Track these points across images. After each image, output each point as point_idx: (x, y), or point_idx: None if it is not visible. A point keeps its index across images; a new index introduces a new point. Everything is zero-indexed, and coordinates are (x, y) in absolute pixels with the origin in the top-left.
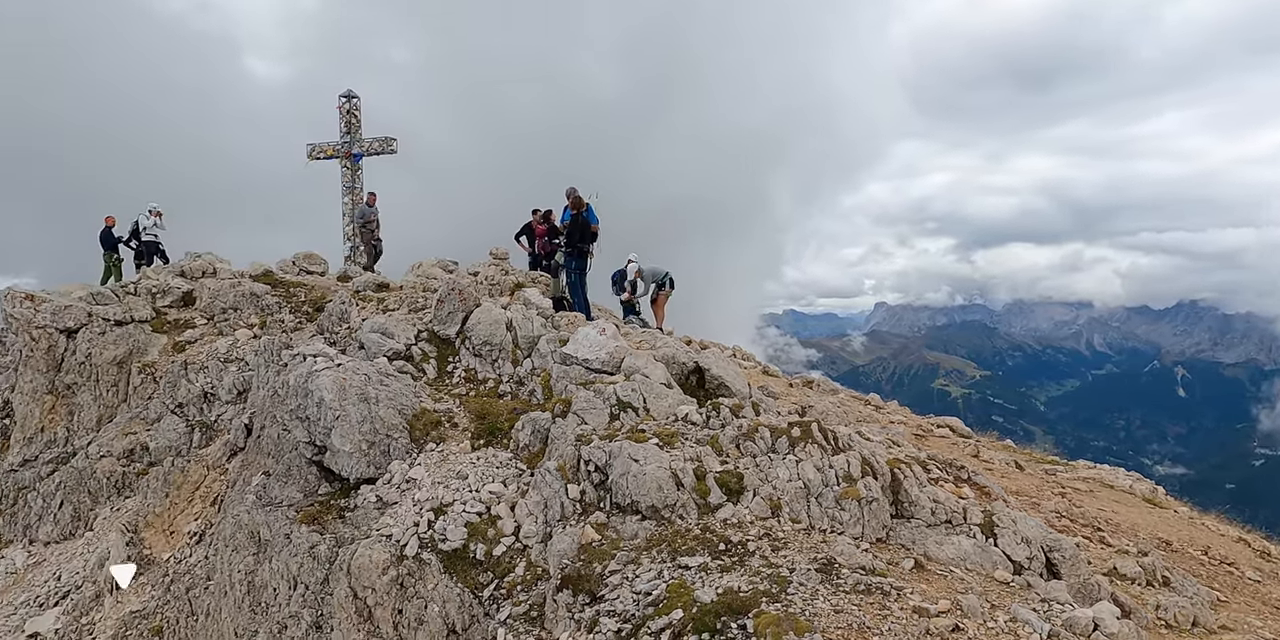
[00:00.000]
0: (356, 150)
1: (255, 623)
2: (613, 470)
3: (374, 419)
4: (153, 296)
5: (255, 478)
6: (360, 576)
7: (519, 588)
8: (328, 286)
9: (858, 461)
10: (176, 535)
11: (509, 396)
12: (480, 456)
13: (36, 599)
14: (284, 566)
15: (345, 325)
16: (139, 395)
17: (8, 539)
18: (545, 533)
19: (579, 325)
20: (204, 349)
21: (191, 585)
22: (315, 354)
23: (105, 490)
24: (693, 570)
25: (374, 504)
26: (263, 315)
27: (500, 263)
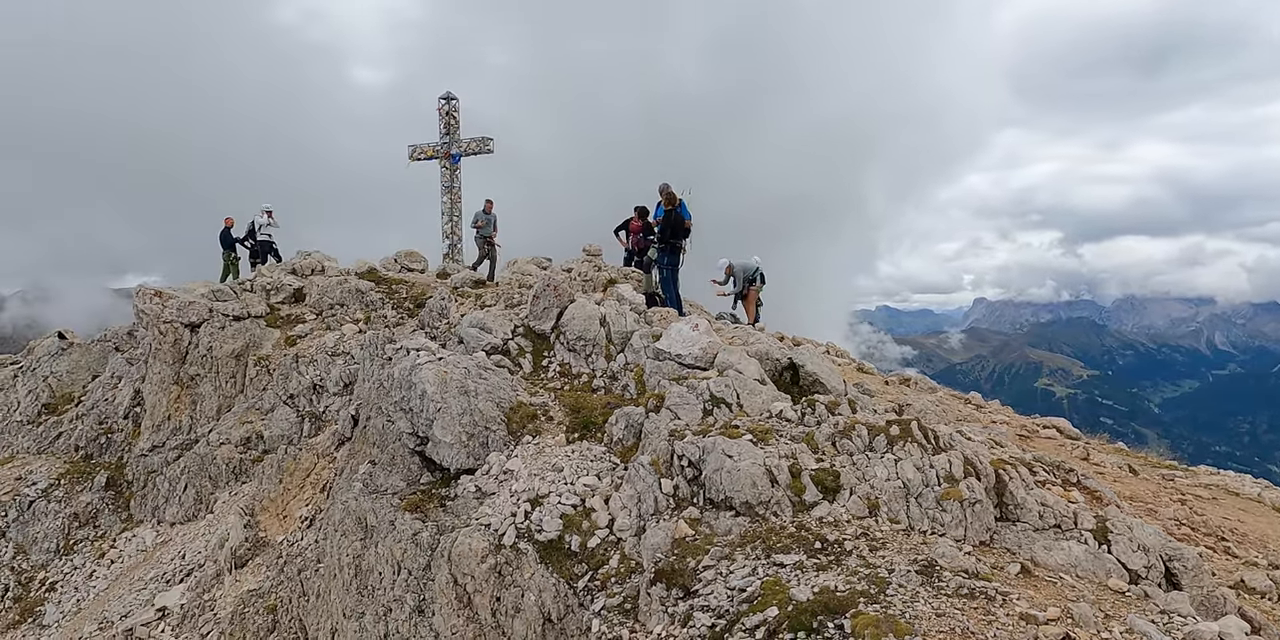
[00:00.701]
0: (455, 151)
1: (362, 605)
2: (706, 466)
3: (473, 411)
4: (267, 293)
5: (362, 466)
6: (460, 564)
7: (613, 580)
8: (427, 283)
9: (960, 461)
10: (289, 519)
11: (602, 391)
12: (575, 450)
13: (164, 575)
14: (389, 552)
15: (445, 320)
16: (254, 386)
17: (139, 519)
18: (639, 526)
19: (671, 321)
20: (313, 343)
21: (303, 567)
22: (418, 348)
23: (224, 475)
24: (788, 568)
25: (473, 494)
26: (367, 311)
27: (593, 259)
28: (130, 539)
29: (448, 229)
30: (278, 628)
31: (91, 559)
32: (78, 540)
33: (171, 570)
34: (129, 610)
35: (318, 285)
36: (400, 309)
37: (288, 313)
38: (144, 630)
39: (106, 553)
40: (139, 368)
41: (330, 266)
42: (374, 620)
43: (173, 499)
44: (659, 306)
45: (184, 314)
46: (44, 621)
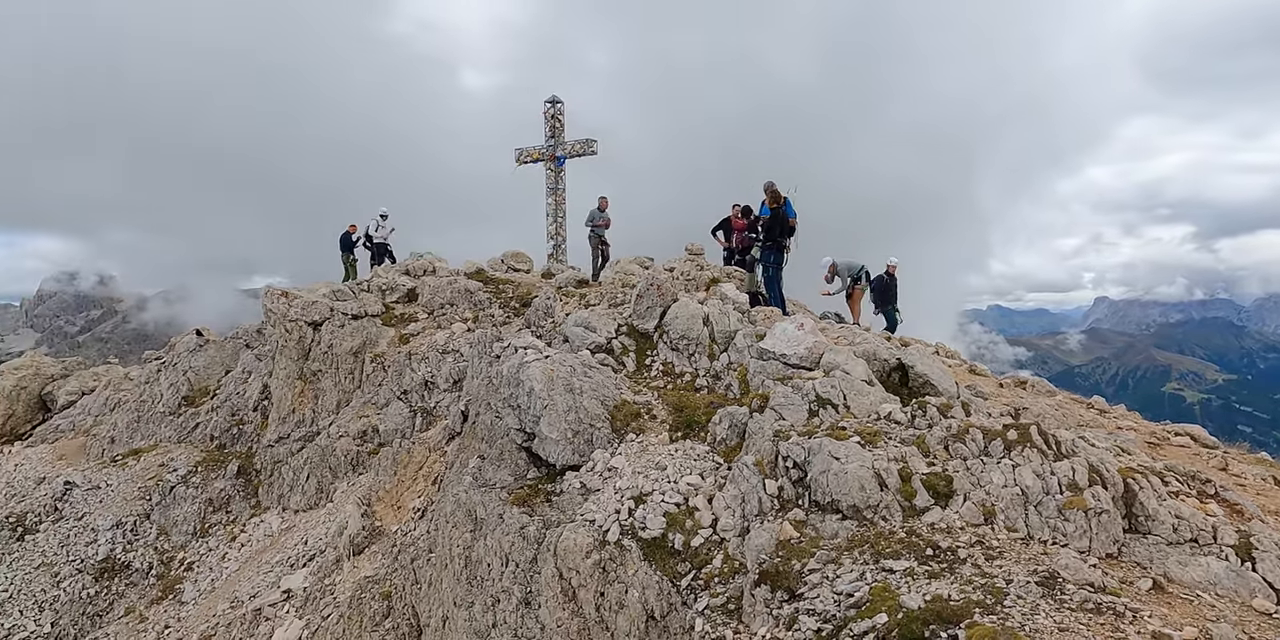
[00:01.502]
0: (560, 153)
1: (471, 595)
2: (812, 467)
3: (579, 409)
4: (382, 293)
5: (471, 460)
6: (565, 558)
7: (716, 580)
8: (533, 283)
9: (1084, 469)
10: (402, 510)
11: (705, 390)
12: (678, 448)
13: (288, 559)
14: (497, 544)
15: (550, 319)
16: (371, 382)
17: (266, 505)
18: (743, 527)
19: (776, 320)
20: (425, 341)
21: (415, 556)
22: (525, 346)
23: (343, 466)
24: (898, 574)
25: (578, 490)
26: (475, 310)
27: (696, 258)
28: (258, 524)
29: (552, 230)
30: (392, 613)
31: (224, 542)
32: (212, 524)
33: (295, 555)
34: (257, 591)
35: (429, 285)
36: (507, 308)
37: (401, 312)
38: (271, 610)
39: (237, 537)
40: (267, 363)
41: (441, 267)
42: (483, 610)
43: (296, 488)
44: (763, 306)
45: (307, 313)
46: (183, 598)
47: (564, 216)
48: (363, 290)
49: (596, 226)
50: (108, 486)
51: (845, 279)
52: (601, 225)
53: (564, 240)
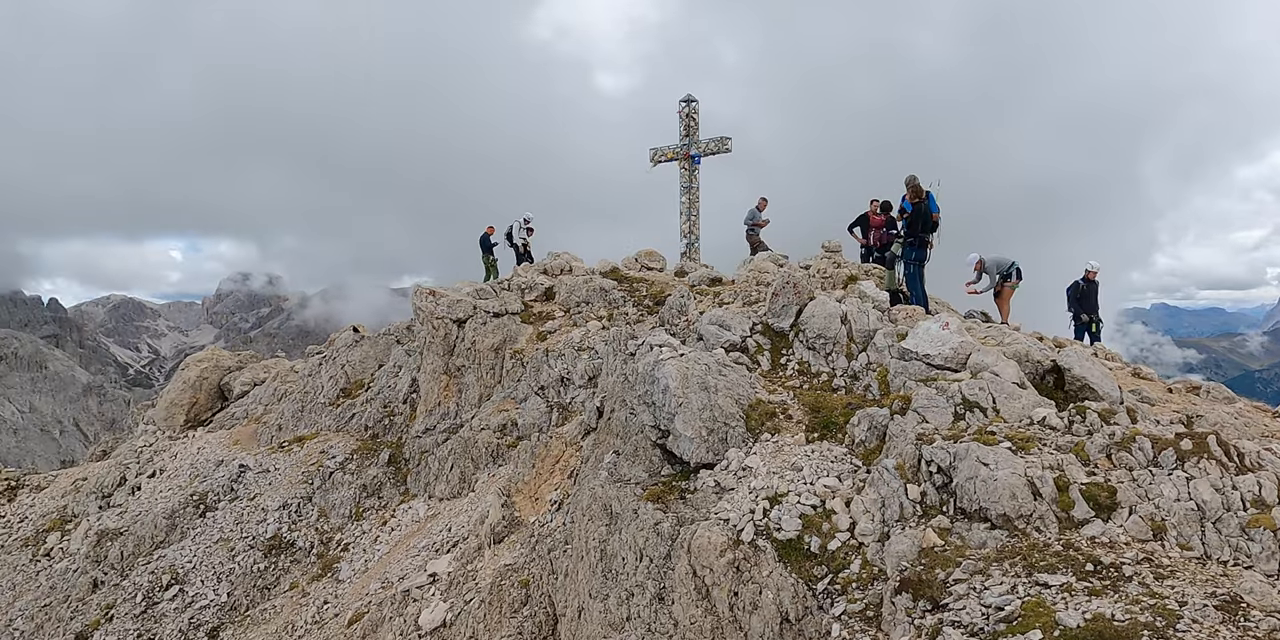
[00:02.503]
0: (694, 152)
1: (606, 587)
2: (958, 473)
3: (713, 407)
4: (522, 292)
5: (606, 456)
6: (699, 556)
7: (854, 585)
8: (666, 281)
9: (1272, 484)
10: (540, 502)
11: (843, 391)
12: (814, 449)
13: (434, 545)
14: (632, 539)
15: (684, 318)
16: (510, 378)
17: (414, 493)
18: (882, 532)
19: (918, 319)
20: (561, 338)
21: (552, 547)
22: (661, 344)
23: (484, 458)
24: (1053, 589)
25: (712, 488)
26: (610, 308)
27: (833, 255)
28: (406, 510)
29: (685, 228)
30: (530, 601)
31: (376, 525)
32: (366, 508)
33: (440, 541)
34: (405, 573)
35: (566, 284)
36: (640, 306)
37: (539, 310)
38: (418, 592)
39: (388, 521)
40: (415, 358)
41: (577, 266)
42: (617, 603)
43: (441, 477)
44: (904, 304)
45: (453, 311)
46: (340, 576)
47: (697, 215)
48: (503, 289)
49: (755, 226)
50: (276, 470)
51: (994, 276)
52: (760, 225)
53: (697, 239)
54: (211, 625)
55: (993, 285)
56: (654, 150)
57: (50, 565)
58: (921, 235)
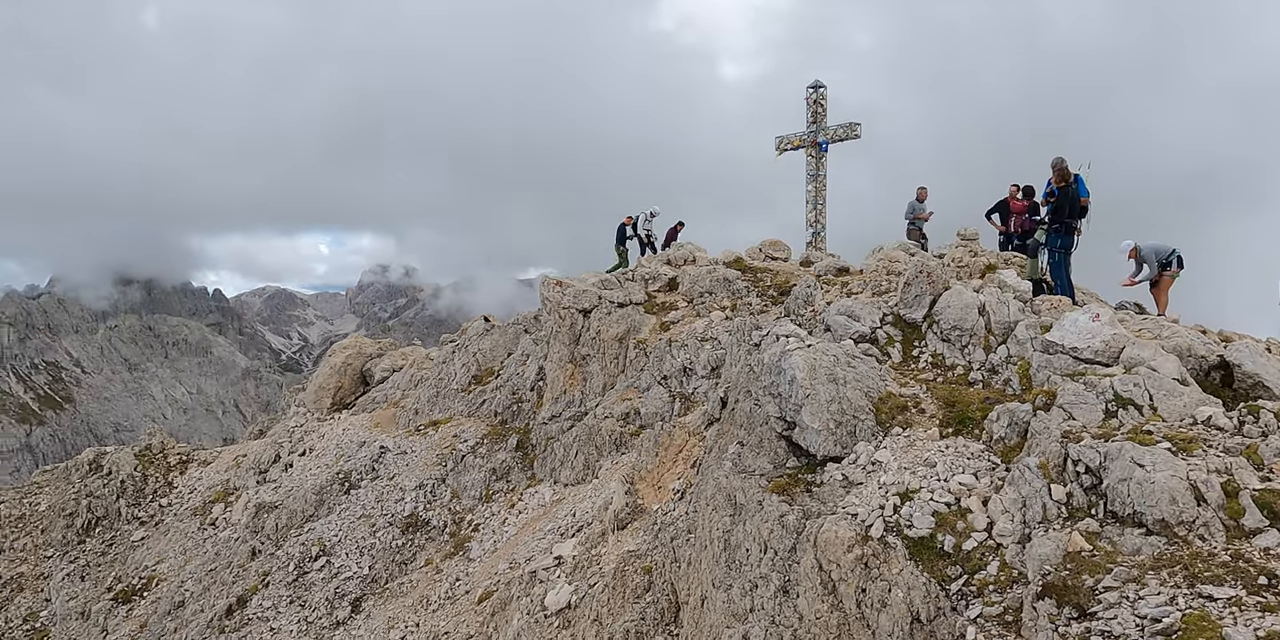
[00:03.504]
0: (822, 139)
1: (730, 578)
2: (1109, 474)
3: (841, 399)
4: (645, 282)
5: (730, 446)
6: (826, 550)
7: (991, 587)
8: (791, 271)
9: None
10: (663, 490)
11: (980, 385)
12: (948, 445)
13: (558, 529)
14: (756, 530)
15: (810, 308)
16: (633, 367)
17: (540, 478)
18: (1023, 533)
19: (1064, 310)
20: (684, 328)
21: (675, 535)
22: (787, 334)
23: (608, 445)
24: (1220, 603)
25: (839, 482)
26: (733, 298)
27: (969, 244)
28: (533, 494)
29: (811, 217)
30: (652, 588)
31: (504, 508)
32: (495, 491)
33: (564, 525)
34: (532, 555)
35: (689, 274)
36: (765, 297)
37: (662, 300)
38: (544, 573)
39: (515, 504)
40: (542, 347)
41: (701, 257)
42: (741, 594)
43: (566, 463)
44: (1047, 294)
45: (578, 301)
46: (470, 555)
47: (824, 203)
48: (628, 279)
49: (917, 219)
50: (412, 452)
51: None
52: (923, 217)
53: (823, 228)
54: (354, 596)
55: (1152, 274)
56: (780, 138)
57: (215, 533)
58: (1068, 221)
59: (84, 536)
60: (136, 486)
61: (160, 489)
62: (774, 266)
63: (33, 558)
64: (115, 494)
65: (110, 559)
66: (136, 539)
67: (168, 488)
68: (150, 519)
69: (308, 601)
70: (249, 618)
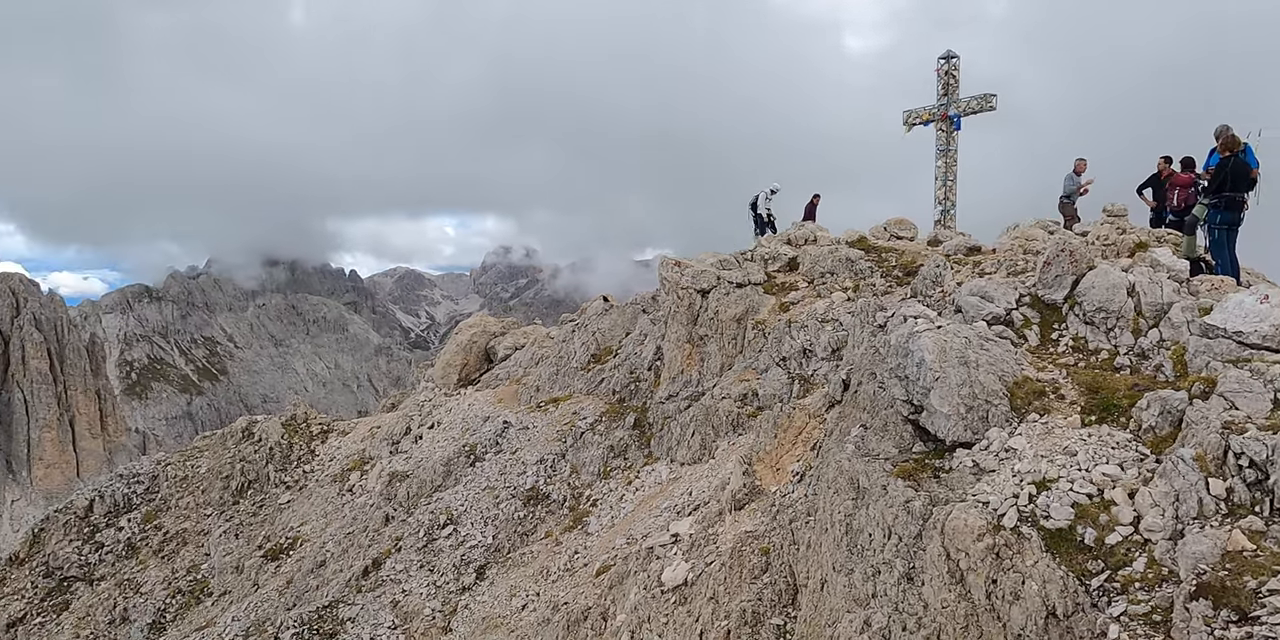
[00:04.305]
0: (953, 112)
1: (851, 562)
2: (1276, 469)
3: (973, 383)
4: (765, 262)
5: (853, 429)
6: (954, 538)
7: (1137, 585)
8: (918, 251)
9: None
10: (781, 472)
11: (1127, 370)
12: (1091, 433)
13: (675, 507)
14: (879, 515)
15: (939, 289)
16: (751, 348)
17: (656, 456)
18: (1175, 529)
19: (1227, 291)
20: (804, 309)
21: (794, 518)
22: (916, 315)
23: (724, 426)
24: None
25: (970, 469)
26: (856, 279)
27: (1116, 220)
28: (650, 472)
29: (940, 194)
30: (769, 569)
31: (622, 484)
32: (613, 468)
33: (681, 503)
34: (649, 532)
35: (810, 254)
36: (889, 277)
37: (782, 280)
38: (661, 550)
39: (632, 481)
40: (660, 327)
41: (822, 236)
42: (862, 579)
43: (683, 442)
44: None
45: (697, 281)
46: (588, 529)
47: (954, 180)
48: (746, 260)
49: (1074, 194)
50: (534, 427)
51: None
52: (1083, 191)
53: (953, 205)
54: (479, 563)
55: None
56: (908, 113)
57: (352, 499)
58: (1233, 194)
59: (238, 498)
60: (283, 453)
61: (304, 456)
62: (899, 246)
63: (195, 515)
64: (265, 459)
65: (260, 519)
66: (283, 502)
67: (310, 455)
68: (295, 483)
69: (436, 566)
70: (383, 579)
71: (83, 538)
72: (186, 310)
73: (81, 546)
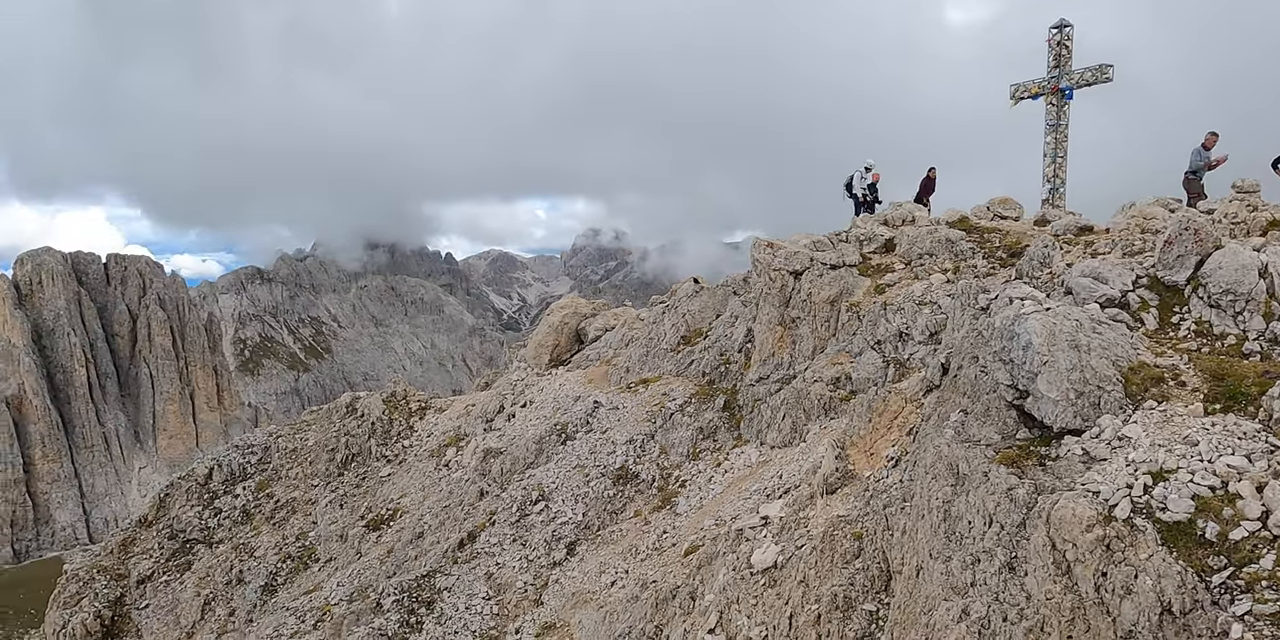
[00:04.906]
0: (1065, 84)
1: (949, 549)
2: None
3: (1084, 368)
4: (860, 243)
5: (952, 414)
6: (1061, 529)
7: (1264, 583)
8: (1023, 231)
9: None
10: (875, 457)
11: (1257, 356)
12: (1215, 422)
13: (765, 489)
14: (980, 502)
15: (1047, 270)
16: (845, 331)
17: (746, 439)
18: None
19: None
20: (901, 292)
21: (888, 503)
22: (1022, 297)
23: (816, 410)
24: None
25: (1079, 457)
26: (956, 260)
27: (1247, 197)
28: (739, 455)
29: (1050, 171)
30: (862, 554)
31: (711, 466)
32: (702, 449)
33: (771, 486)
34: (738, 514)
35: (907, 235)
36: (992, 258)
37: (878, 262)
38: (750, 532)
39: (721, 463)
40: (751, 309)
41: (920, 217)
42: (961, 567)
43: (773, 425)
44: None
45: (789, 262)
46: (677, 510)
47: (1064, 156)
48: (841, 241)
49: (1201, 170)
50: (623, 408)
51: None
52: (1213, 165)
53: (1063, 183)
54: (569, 540)
55: None
56: (1015, 86)
57: (449, 474)
58: None
59: (342, 470)
60: (384, 428)
61: (403, 431)
62: (1003, 226)
63: (303, 485)
64: (367, 434)
65: (363, 491)
66: (384, 474)
67: (409, 431)
68: (395, 458)
69: (528, 541)
70: (478, 551)
71: (203, 503)
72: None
73: (202, 511)
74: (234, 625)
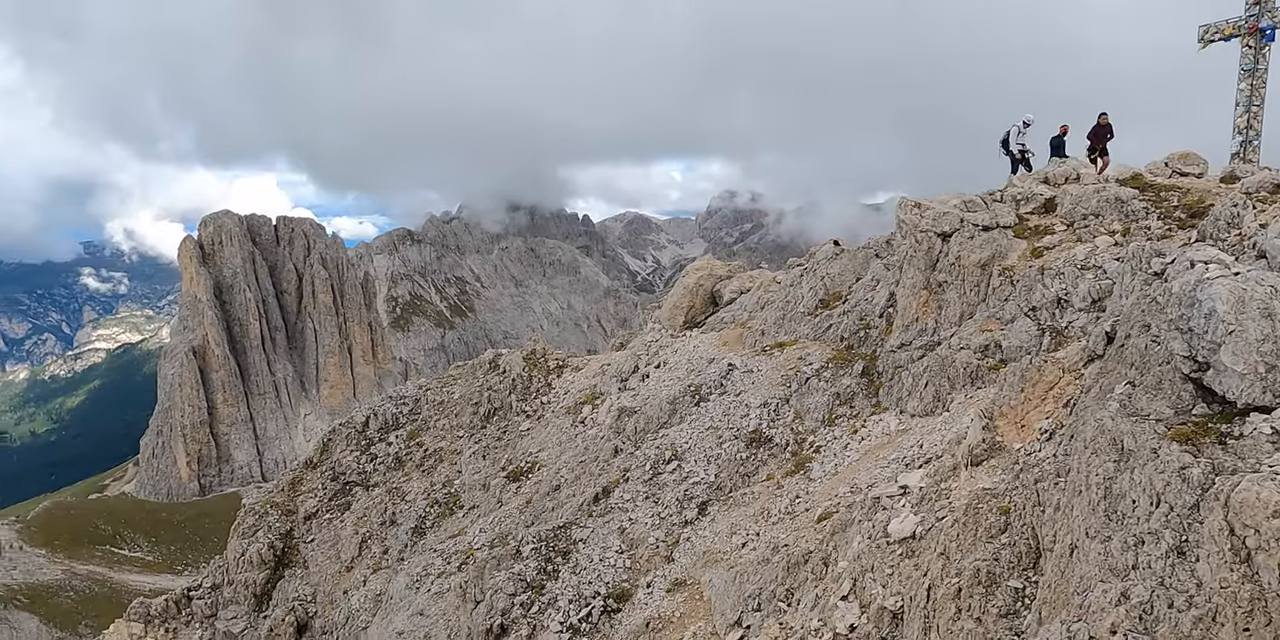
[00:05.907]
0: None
1: (1108, 529)
2: None
3: (1275, 339)
4: (1016, 203)
5: (1118, 386)
6: (1241, 513)
7: None
8: (1206, 189)
9: None
10: (1027, 429)
11: None
12: None
13: (903, 458)
14: (1147, 481)
15: (1236, 231)
16: (996, 296)
17: (885, 406)
18: None
19: None
20: (1060, 255)
21: (1040, 478)
22: (1206, 261)
23: (961, 378)
24: None
25: (1267, 436)
26: (1126, 222)
27: None
28: (877, 422)
29: (1242, 122)
30: (1009, 530)
31: (847, 433)
32: (838, 415)
33: (910, 456)
34: (875, 482)
35: (1071, 194)
36: (1168, 219)
37: (1036, 223)
38: (888, 501)
39: (858, 430)
40: (894, 272)
41: (1086, 174)
42: (1121, 548)
43: (914, 393)
44: None
45: (938, 224)
46: (811, 475)
47: (1260, 104)
48: (995, 201)
49: None
50: (758, 371)
51: None
52: None
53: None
54: (701, 500)
55: None
56: (1205, 27)
57: (584, 431)
58: None
59: (485, 423)
60: (524, 384)
61: (541, 388)
62: (1183, 183)
63: (449, 436)
64: (508, 390)
65: (504, 443)
66: (524, 429)
67: (547, 387)
68: (534, 413)
69: (660, 499)
70: (611, 506)
71: (360, 449)
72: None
73: (359, 456)
74: (387, 562)
